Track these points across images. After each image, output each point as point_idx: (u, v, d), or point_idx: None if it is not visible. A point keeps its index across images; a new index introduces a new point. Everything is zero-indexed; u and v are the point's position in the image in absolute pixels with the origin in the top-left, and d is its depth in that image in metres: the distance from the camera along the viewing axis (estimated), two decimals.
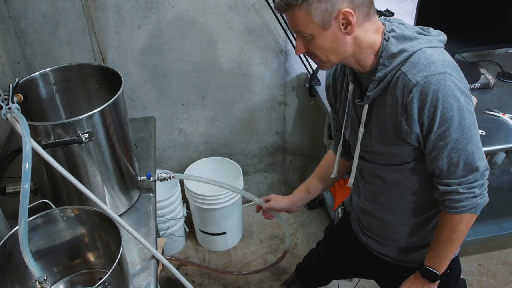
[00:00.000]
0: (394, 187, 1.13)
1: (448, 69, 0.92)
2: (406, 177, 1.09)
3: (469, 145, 0.95)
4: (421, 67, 0.91)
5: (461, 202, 1.00)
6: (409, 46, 0.94)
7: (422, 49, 0.94)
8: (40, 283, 0.80)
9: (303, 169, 2.50)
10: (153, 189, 1.36)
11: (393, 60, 0.95)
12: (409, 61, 0.93)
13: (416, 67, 0.92)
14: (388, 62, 0.95)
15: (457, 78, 0.92)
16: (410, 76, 0.92)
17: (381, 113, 1.02)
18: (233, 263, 2.22)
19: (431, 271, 1.11)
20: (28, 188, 0.79)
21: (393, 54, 0.95)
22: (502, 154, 2.38)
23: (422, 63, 0.92)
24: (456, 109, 0.91)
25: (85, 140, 1.04)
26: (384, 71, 0.96)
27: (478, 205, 1.01)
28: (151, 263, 1.12)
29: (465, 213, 1.01)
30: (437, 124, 0.93)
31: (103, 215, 0.98)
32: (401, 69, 0.94)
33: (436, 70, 0.91)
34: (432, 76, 0.90)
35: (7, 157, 1.48)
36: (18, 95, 1.03)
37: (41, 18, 1.70)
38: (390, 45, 0.96)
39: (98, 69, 1.26)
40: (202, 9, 1.81)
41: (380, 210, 1.21)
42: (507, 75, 2.00)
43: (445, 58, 0.94)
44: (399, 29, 0.98)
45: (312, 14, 0.91)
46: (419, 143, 0.99)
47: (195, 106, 2.09)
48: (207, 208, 2.07)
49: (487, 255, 2.23)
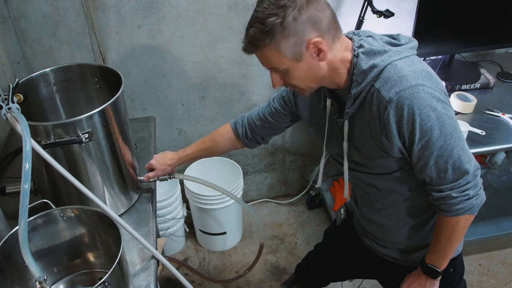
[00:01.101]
0: (387, 194, 1.14)
1: (420, 80, 0.91)
2: (397, 184, 1.10)
3: (454, 150, 0.94)
4: (392, 83, 0.91)
5: (457, 205, 1.00)
6: (379, 61, 0.93)
7: (392, 63, 0.93)
8: (40, 283, 0.80)
9: (303, 169, 2.50)
10: (153, 189, 1.36)
11: (366, 76, 0.94)
12: (381, 77, 0.93)
13: (388, 83, 0.91)
14: (360, 78, 0.95)
15: (430, 87, 0.91)
16: (383, 92, 0.92)
17: (362, 127, 1.02)
18: (233, 263, 2.22)
19: (432, 269, 1.12)
20: (28, 188, 0.79)
21: (365, 71, 0.94)
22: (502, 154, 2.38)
23: (393, 79, 0.91)
24: (434, 118, 0.91)
25: (85, 140, 1.04)
26: (358, 87, 0.96)
27: (474, 206, 1.01)
28: (151, 263, 1.12)
29: (462, 215, 1.01)
30: (418, 136, 0.93)
31: (103, 215, 0.98)
32: (374, 85, 0.94)
33: (407, 84, 0.90)
34: (405, 91, 0.90)
35: (7, 157, 1.48)
36: (18, 95, 1.03)
37: (41, 18, 1.70)
38: (360, 62, 0.95)
39: (98, 69, 1.26)
40: (202, 9, 1.81)
41: (377, 216, 1.22)
42: (507, 75, 2.00)
43: (415, 68, 0.93)
44: (367, 43, 0.96)
45: (282, 50, 0.91)
46: (403, 154, 0.99)
47: (195, 106, 2.09)
48: (207, 208, 2.07)
49: (487, 255, 2.23)
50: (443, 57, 2.00)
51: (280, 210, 2.52)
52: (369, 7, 1.69)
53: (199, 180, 1.41)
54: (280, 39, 0.89)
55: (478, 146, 1.56)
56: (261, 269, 2.19)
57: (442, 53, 1.94)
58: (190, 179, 1.40)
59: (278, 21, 0.87)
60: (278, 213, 2.51)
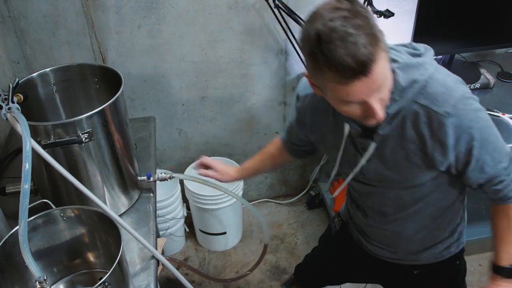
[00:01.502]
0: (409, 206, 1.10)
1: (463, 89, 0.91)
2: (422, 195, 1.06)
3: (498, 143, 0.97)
4: (443, 97, 0.89)
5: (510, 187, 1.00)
6: (418, 76, 0.89)
7: (432, 76, 0.90)
8: (40, 283, 0.80)
9: (303, 169, 2.50)
10: (153, 189, 1.36)
11: (404, 93, 0.89)
12: (425, 92, 0.89)
13: (437, 98, 0.89)
14: (398, 96, 0.90)
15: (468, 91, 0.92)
16: (435, 108, 0.89)
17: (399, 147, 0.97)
18: (233, 263, 2.22)
19: (510, 268, 1.07)
20: (28, 188, 0.79)
21: (404, 88, 0.89)
22: None
23: (441, 93, 0.89)
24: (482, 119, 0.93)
25: (85, 140, 1.04)
26: (396, 106, 0.90)
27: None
28: (151, 263, 1.12)
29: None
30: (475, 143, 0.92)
31: (103, 215, 0.98)
32: (418, 101, 0.90)
33: (457, 94, 0.89)
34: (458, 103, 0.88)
35: (7, 157, 1.48)
36: (18, 95, 1.03)
37: (41, 18, 1.70)
38: (398, 78, 0.89)
39: (98, 69, 1.26)
40: (202, 9, 1.81)
41: (390, 224, 1.17)
42: (507, 75, 2.00)
43: (452, 77, 0.93)
44: (397, 57, 0.92)
45: (385, 56, 0.80)
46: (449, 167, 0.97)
47: (195, 106, 2.09)
48: (207, 208, 2.07)
49: (487, 255, 2.23)
50: (443, 57, 2.00)
51: (280, 210, 2.52)
52: (369, 7, 1.69)
53: (199, 180, 1.41)
54: (382, 39, 0.80)
55: None
56: (261, 269, 2.18)
57: (442, 53, 1.94)
58: (190, 179, 1.40)
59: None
60: (278, 213, 2.51)
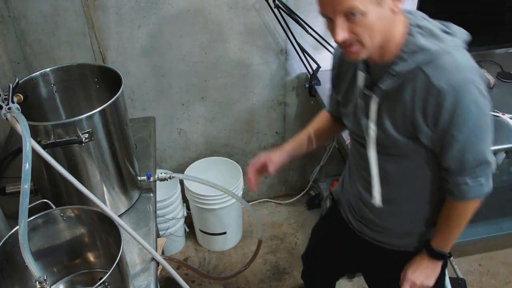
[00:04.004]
0: (393, 178, 1.14)
1: (473, 75, 0.91)
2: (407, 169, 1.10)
3: (480, 145, 0.98)
4: (445, 72, 0.90)
5: (468, 192, 1.04)
6: (433, 45, 0.91)
7: (448, 51, 0.91)
8: (40, 283, 0.80)
9: (303, 169, 2.50)
10: (153, 189, 1.36)
11: (415, 56, 0.92)
12: (434, 63, 0.91)
13: (440, 71, 0.90)
14: (409, 57, 0.93)
15: (479, 83, 0.92)
16: (433, 79, 0.91)
17: (394, 107, 1.00)
18: (233, 263, 2.22)
19: (439, 252, 1.15)
20: (28, 188, 0.79)
21: (416, 51, 0.92)
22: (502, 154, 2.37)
23: (447, 67, 0.90)
24: (475, 113, 0.92)
25: (85, 140, 1.04)
26: (403, 66, 0.93)
27: (483, 193, 1.05)
28: (151, 263, 1.12)
29: (471, 200, 1.06)
30: (454, 127, 0.94)
31: (103, 215, 0.98)
32: (423, 68, 0.92)
33: (461, 76, 0.90)
34: (458, 82, 0.90)
35: (7, 157, 1.48)
36: (18, 95, 1.03)
37: (41, 18, 1.70)
38: (414, 40, 0.92)
39: (98, 69, 1.26)
40: (202, 9, 1.81)
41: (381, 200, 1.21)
42: (507, 75, 2.00)
43: (470, 62, 0.93)
44: (423, 23, 0.95)
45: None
46: (430, 140, 0.99)
47: (195, 106, 2.09)
48: (207, 208, 2.07)
49: (487, 255, 2.23)
50: None
51: (280, 210, 2.52)
52: None
53: (199, 180, 1.41)
54: None
55: None
56: (261, 269, 2.19)
57: None
58: (190, 179, 1.40)
59: None
60: (278, 213, 2.51)
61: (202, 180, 1.41)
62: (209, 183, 1.41)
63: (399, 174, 1.12)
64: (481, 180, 1.03)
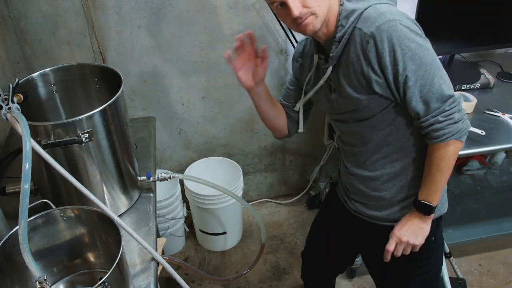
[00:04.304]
0: (374, 143, 1.19)
1: (396, 16, 1.00)
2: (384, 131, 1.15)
3: (435, 79, 1.02)
4: (372, 20, 1.00)
5: (443, 130, 1.05)
6: (360, 5, 1.04)
7: (371, 5, 1.03)
8: (40, 283, 0.80)
9: (303, 169, 2.50)
10: (153, 189, 1.36)
11: (348, 20, 1.04)
12: (361, 17, 1.03)
13: (368, 21, 1.01)
14: (344, 22, 1.05)
15: (408, 23, 1.00)
16: (364, 30, 1.01)
17: (348, 71, 1.08)
18: (233, 263, 2.22)
19: (426, 204, 1.16)
20: (28, 188, 0.79)
21: (347, 15, 1.05)
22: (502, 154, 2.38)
23: (372, 16, 1.01)
24: (414, 48, 0.99)
25: (85, 140, 1.04)
26: (342, 31, 1.06)
27: (461, 130, 1.06)
28: (151, 263, 1.12)
29: (450, 139, 1.06)
30: (401, 66, 1.00)
31: (103, 215, 0.98)
32: (356, 26, 1.04)
33: (385, 18, 0.99)
34: (384, 24, 0.99)
35: (7, 157, 1.48)
36: (18, 95, 1.03)
37: (41, 18, 1.70)
38: (345, 7, 1.06)
39: (98, 69, 1.26)
40: (202, 9, 1.81)
41: (362, 169, 1.25)
42: (507, 75, 2.00)
43: (392, 9, 1.02)
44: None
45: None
46: (390, 90, 1.06)
47: (195, 106, 2.09)
48: (207, 208, 2.07)
49: (487, 255, 2.23)
50: (443, 57, 2.00)
51: (280, 210, 2.52)
52: None
53: (199, 180, 1.41)
54: None
55: (478, 146, 1.56)
56: (261, 269, 2.19)
57: (442, 53, 1.94)
58: (190, 179, 1.40)
59: None
60: (278, 213, 2.51)
61: (202, 180, 1.41)
62: (209, 183, 1.42)
63: (376, 137, 1.17)
64: (454, 116, 1.04)
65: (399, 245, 1.20)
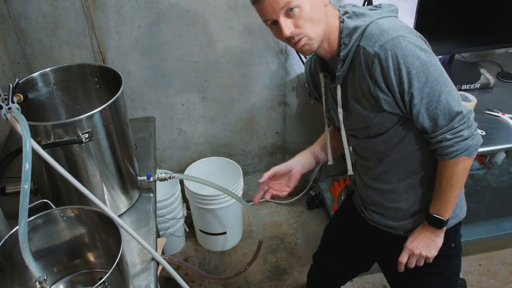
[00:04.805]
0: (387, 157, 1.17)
1: (400, 32, 0.97)
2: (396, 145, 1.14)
3: (442, 96, 0.99)
4: (375, 38, 0.98)
5: (452, 147, 1.03)
6: (362, 22, 1.02)
7: (373, 21, 1.00)
8: (40, 283, 0.80)
9: None
10: (153, 189, 1.36)
11: (351, 38, 1.02)
12: (364, 35, 1.00)
13: (371, 39, 0.99)
14: (347, 40, 1.03)
15: (412, 38, 0.98)
16: (368, 48, 0.99)
17: (355, 89, 1.07)
18: (233, 263, 2.22)
19: (437, 218, 1.15)
20: (28, 188, 0.79)
21: (350, 33, 1.02)
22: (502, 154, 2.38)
23: (375, 34, 0.98)
24: (419, 65, 0.97)
25: (85, 140, 1.04)
26: (346, 49, 1.04)
27: (470, 147, 1.04)
28: (151, 263, 1.12)
29: (459, 156, 1.05)
30: (407, 84, 0.98)
31: (103, 215, 0.98)
32: (360, 44, 1.01)
33: (389, 36, 0.97)
34: (387, 43, 0.96)
35: (7, 157, 1.48)
36: (18, 95, 1.03)
37: (41, 18, 1.70)
38: (346, 24, 1.04)
39: (98, 69, 1.26)
40: (202, 9, 1.81)
41: (378, 182, 1.24)
42: (507, 75, 2.00)
43: (395, 24, 1.00)
44: (350, 9, 1.06)
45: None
46: (398, 107, 1.04)
47: (195, 106, 2.09)
48: (207, 208, 2.07)
49: (487, 255, 2.23)
50: (443, 57, 2.00)
51: (280, 210, 2.52)
52: None
53: (199, 180, 1.41)
54: None
55: None
56: (261, 269, 2.19)
57: (442, 53, 1.94)
58: (190, 179, 1.40)
59: None
60: (278, 213, 2.51)
61: (202, 180, 1.41)
62: (209, 183, 1.42)
63: (391, 152, 1.15)
64: (463, 133, 1.02)
65: (411, 258, 1.20)
